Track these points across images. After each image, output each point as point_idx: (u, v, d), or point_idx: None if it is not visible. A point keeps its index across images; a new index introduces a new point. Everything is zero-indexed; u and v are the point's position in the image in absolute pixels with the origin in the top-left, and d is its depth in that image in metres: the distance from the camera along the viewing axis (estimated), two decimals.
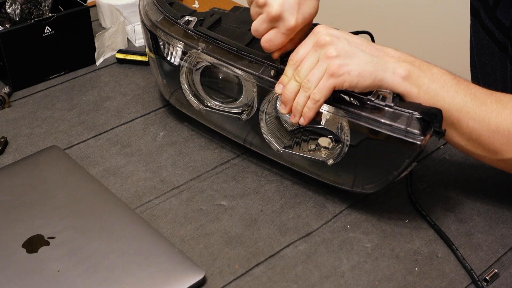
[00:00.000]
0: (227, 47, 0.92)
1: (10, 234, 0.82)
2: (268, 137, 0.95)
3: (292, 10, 0.82)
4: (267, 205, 0.92)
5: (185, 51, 0.96)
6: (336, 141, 0.93)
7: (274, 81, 0.87)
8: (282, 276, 0.82)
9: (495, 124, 0.80)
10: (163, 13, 0.98)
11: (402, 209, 0.92)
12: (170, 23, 0.97)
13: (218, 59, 0.92)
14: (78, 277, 0.77)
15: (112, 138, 1.04)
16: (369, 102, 0.82)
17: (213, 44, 0.93)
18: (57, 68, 1.18)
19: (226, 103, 1.00)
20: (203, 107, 1.01)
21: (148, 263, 0.79)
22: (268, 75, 0.88)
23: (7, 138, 1.02)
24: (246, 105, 0.96)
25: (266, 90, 0.90)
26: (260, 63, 0.89)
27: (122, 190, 0.94)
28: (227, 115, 0.99)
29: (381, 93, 0.81)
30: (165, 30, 0.97)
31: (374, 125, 0.81)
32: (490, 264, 0.85)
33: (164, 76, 1.04)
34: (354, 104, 0.83)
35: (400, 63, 0.81)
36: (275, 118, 0.95)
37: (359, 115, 0.82)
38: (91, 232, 0.83)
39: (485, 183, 0.97)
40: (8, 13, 1.13)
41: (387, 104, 0.81)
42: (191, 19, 0.96)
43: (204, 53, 0.93)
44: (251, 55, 0.90)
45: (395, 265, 0.84)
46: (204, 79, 1.00)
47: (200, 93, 1.01)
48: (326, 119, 0.93)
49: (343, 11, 2.13)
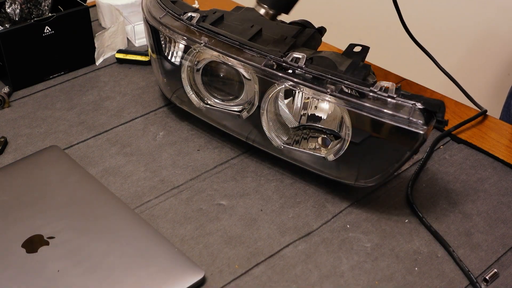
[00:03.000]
0: (229, 41, 0.92)
1: (10, 234, 0.82)
2: (269, 134, 0.95)
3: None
4: (266, 205, 0.92)
5: (188, 46, 0.96)
6: (336, 138, 0.93)
7: (277, 73, 0.87)
8: (282, 276, 0.82)
9: None
10: (166, 9, 0.99)
11: (402, 209, 0.92)
12: (173, 19, 0.98)
13: (221, 52, 0.92)
14: (78, 277, 0.77)
15: (112, 138, 1.04)
16: (371, 94, 0.82)
17: (215, 38, 0.93)
18: (57, 68, 1.18)
19: (227, 101, 1.00)
20: (203, 105, 1.02)
21: (148, 263, 0.79)
22: (271, 68, 0.88)
23: (7, 138, 1.02)
24: (247, 102, 0.96)
25: (268, 87, 0.90)
26: (263, 56, 0.89)
27: (121, 190, 0.94)
28: (228, 112, 0.99)
29: (383, 85, 0.82)
30: (168, 25, 0.97)
31: (377, 115, 0.81)
32: (490, 264, 0.85)
33: (165, 73, 1.04)
34: (356, 95, 0.83)
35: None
36: (275, 114, 0.95)
37: (361, 106, 0.82)
38: (91, 232, 0.83)
39: (485, 183, 0.97)
40: (8, 13, 1.13)
41: (389, 95, 0.81)
42: (194, 15, 0.96)
43: (207, 47, 0.93)
44: (253, 49, 0.90)
45: (395, 265, 0.84)
46: (205, 77, 1.00)
47: (201, 90, 1.02)
48: (328, 113, 0.94)
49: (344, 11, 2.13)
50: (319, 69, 0.86)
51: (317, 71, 0.86)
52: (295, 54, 0.87)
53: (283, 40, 0.93)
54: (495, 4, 1.76)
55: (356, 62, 0.89)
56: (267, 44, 0.93)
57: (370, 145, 0.86)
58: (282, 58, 0.88)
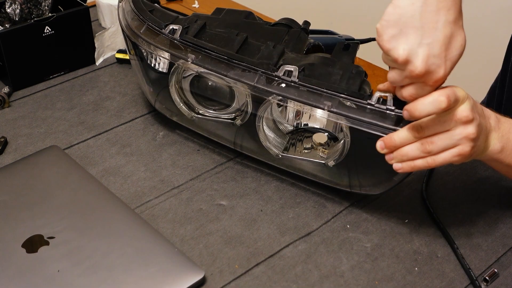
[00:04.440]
0: (217, 55, 0.88)
1: (10, 234, 0.82)
2: (266, 144, 0.93)
3: (439, 62, 0.71)
4: (266, 205, 0.92)
5: (173, 62, 0.93)
6: (333, 140, 0.92)
7: (270, 90, 0.85)
8: (282, 276, 0.82)
9: None
10: (146, 22, 0.94)
11: (402, 209, 0.92)
12: (154, 33, 0.93)
13: (210, 69, 0.88)
14: (78, 277, 0.77)
15: (112, 138, 1.04)
16: (369, 106, 0.80)
17: (202, 53, 0.89)
18: (57, 68, 1.18)
19: (218, 110, 0.98)
20: (195, 115, 0.99)
21: (148, 263, 0.79)
22: (264, 84, 0.85)
23: (7, 138, 1.02)
24: (238, 110, 0.95)
25: (261, 97, 0.87)
26: (254, 71, 0.86)
27: (122, 190, 0.94)
28: (220, 121, 0.97)
29: (380, 96, 0.81)
30: (150, 41, 0.93)
31: (376, 130, 0.79)
32: (490, 264, 0.85)
33: (152, 86, 1.01)
34: (353, 108, 0.81)
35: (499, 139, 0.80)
36: (272, 121, 0.93)
37: (359, 121, 0.80)
38: (91, 232, 0.83)
39: (485, 183, 0.97)
40: (8, 13, 1.13)
41: (388, 108, 0.79)
42: (176, 28, 0.91)
43: (195, 64, 0.90)
44: (243, 63, 0.87)
45: (395, 265, 0.84)
46: (194, 88, 0.98)
47: (190, 101, 0.99)
48: (324, 124, 0.93)
49: (343, 11, 2.13)
50: (313, 81, 0.83)
51: (311, 84, 0.83)
52: (287, 67, 0.84)
53: (272, 49, 0.89)
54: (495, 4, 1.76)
55: (349, 69, 0.85)
56: (256, 54, 0.89)
57: (370, 154, 0.84)
58: (274, 73, 0.85)
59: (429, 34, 0.70)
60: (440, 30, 0.70)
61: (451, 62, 0.72)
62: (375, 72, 1.20)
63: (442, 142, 0.75)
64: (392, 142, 0.77)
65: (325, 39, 1.08)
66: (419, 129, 0.75)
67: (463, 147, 0.75)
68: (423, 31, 0.70)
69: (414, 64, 0.71)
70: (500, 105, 1.11)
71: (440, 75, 0.72)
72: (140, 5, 0.97)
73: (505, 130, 0.80)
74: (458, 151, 0.75)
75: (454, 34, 0.71)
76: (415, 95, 0.74)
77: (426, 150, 0.76)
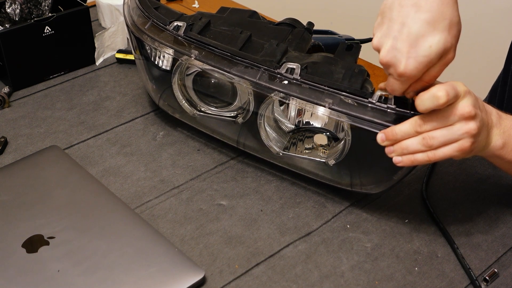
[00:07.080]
0: (220, 52, 0.89)
1: (10, 234, 0.82)
2: (268, 142, 0.94)
3: (399, 56, 0.73)
4: (267, 205, 0.92)
5: (177, 58, 0.93)
6: (334, 140, 0.92)
7: (272, 87, 0.85)
8: (282, 276, 0.82)
9: None
10: (150, 19, 0.95)
11: (401, 208, 0.92)
12: (158, 29, 0.94)
13: (213, 65, 0.89)
14: (78, 277, 0.77)
15: (112, 138, 1.04)
16: (370, 105, 0.81)
17: (205, 50, 0.90)
18: (57, 68, 1.18)
19: (220, 107, 0.98)
20: (196, 112, 1.00)
21: (148, 263, 0.79)
22: (266, 81, 0.86)
23: (7, 138, 1.02)
24: (240, 108, 0.95)
25: (263, 94, 0.88)
26: (256, 67, 0.87)
27: (122, 190, 0.94)
28: (222, 118, 0.98)
29: (382, 94, 0.81)
30: (155, 37, 0.94)
31: (377, 128, 0.80)
32: (490, 264, 0.85)
33: (155, 83, 1.02)
34: (354, 106, 0.81)
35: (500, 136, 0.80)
36: (273, 120, 0.94)
37: (360, 119, 0.81)
38: (91, 232, 0.83)
39: (485, 183, 0.97)
40: (8, 13, 1.13)
41: (389, 106, 0.79)
42: (180, 24, 0.92)
43: (198, 60, 0.90)
44: (246, 60, 0.87)
45: (395, 265, 0.84)
46: (197, 85, 0.98)
47: (193, 98, 1.00)
48: (325, 122, 0.93)
49: (343, 11, 2.13)
50: (316, 79, 0.83)
51: (313, 81, 0.83)
52: (289, 65, 0.85)
53: (275, 47, 0.89)
54: (497, 3, 1.76)
55: (352, 68, 0.86)
56: (259, 51, 0.90)
57: (371, 153, 0.85)
58: (276, 70, 0.85)
59: (397, 27, 0.73)
60: (408, 26, 0.72)
61: (416, 61, 0.72)
62: (375, 72, 1.20)
63: (443, 136, 0.76)
64: (393, 135, 0.78)
65: (325, 39, 1.09)
66: (421, 123, 0.76)
67: (463, 142, 0.76)
68: (393, 23, 0.73)
69: (380, 53, 0.74)
70: (502, 104, 1.11)
71: (400, 70, 0.73)
72: (145, 2, 0.98)
73: (506, 127, 0.80)
74: (458, 146, 0.76)
75: (425, 35, 0.72)
76: (390, 87, 0.77)
77: (427, 144, 0.76)
